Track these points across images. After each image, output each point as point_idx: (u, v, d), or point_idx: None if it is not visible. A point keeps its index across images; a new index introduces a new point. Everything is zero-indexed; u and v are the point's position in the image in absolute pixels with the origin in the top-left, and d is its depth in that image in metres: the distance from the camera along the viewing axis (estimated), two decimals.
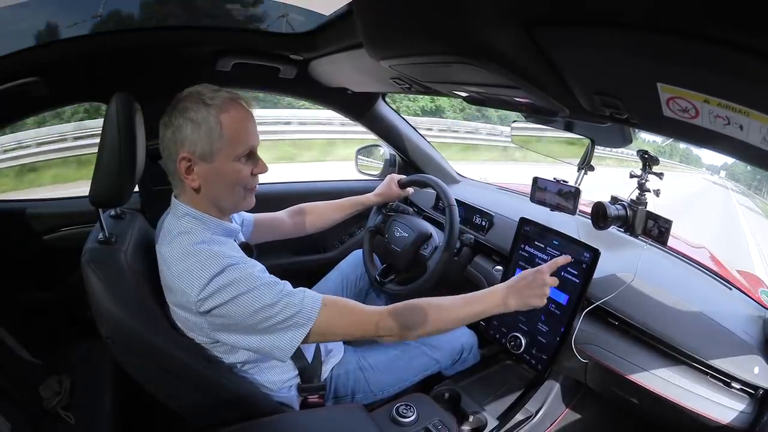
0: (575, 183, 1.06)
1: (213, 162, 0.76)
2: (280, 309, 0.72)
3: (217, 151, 0.75)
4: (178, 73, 1.11)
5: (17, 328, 1.10)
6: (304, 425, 0.83)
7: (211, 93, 0.75)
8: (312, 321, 0.74)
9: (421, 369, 1.11)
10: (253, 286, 0.71)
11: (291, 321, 0.73)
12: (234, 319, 0.72)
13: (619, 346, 0.95)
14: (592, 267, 0.99)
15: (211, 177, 0.77)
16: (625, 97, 0.58)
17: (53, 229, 1.26)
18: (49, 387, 0.95)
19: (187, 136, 0.74)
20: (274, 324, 0.72)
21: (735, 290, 1.06)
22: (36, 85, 0.97)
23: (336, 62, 1.11)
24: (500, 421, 1.08)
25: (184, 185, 0.78)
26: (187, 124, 0.74)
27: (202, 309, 0.71)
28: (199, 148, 0.74)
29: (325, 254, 1.70)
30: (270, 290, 0.73)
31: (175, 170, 0.77)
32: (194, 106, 0.74)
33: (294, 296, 0.74)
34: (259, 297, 0.71)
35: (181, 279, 0.71)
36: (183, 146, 0.74)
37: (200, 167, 0.76)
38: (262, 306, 0.71)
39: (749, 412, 0.81)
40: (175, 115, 0.75)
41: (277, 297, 0.72)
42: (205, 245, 0.74)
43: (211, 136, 0.74)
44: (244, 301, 0.71)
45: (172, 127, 0.75)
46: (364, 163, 1.78)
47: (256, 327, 0.72)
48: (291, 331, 0.73)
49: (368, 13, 0.75)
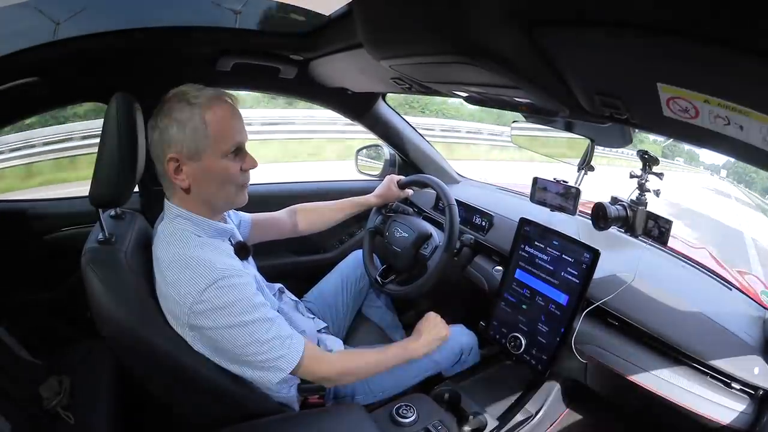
0: (575, 183, 1.06)
1: (201, 161, 0.76)
2: (267, 349, 0.75)
3: (203, 150, 0.75)
4: (178, 73, 1.11)
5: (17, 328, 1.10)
6: (304, 425, 0.83)
7: (195, 92, 0.75)
8: (291, 367, 0.77)
9: (421, 371, 1.11)
10: (250, 319, 0.73)
11: (273, 363, 0.76)
12: (223, 345, 0.74)
13: (619, 346, 0.95)
14: (592, 267, 0.98)
15: (200, 176, 0.77)
16: (625, 97, 0.58)
17: (53, 229, 1.26)
18: (49, 387, 0.95)
19: (172, 136, 0.74)
20: (259, 361, 0.75)
21: (735, 290, 1.06)
22: (36, 85, 0.97)
23: (336, 62, 1.11)
24: (500, 421, 1.08)
25: (174, 186, 0.78)
26: (173, 124, 0.74)
27: (194, 322, 0.72)
28: (186, 148, 0.74)
29: (325, 254, 1.70)
30: (262, 328, 0.74)
31: (164, 171, 0.77)
32: (178, 106, 0.74)
33: (283, 341, 0.77)
34: (252, 333, 0.73)
35: (174, 287, 0.72)
36: (170, 147, 0.74)
37: (188, 167, 0.76)
38: (252, 341, 0.73)
39: (749, 412, 0.81)
40: (161, 117, 0.75)
41: (268, 336, 0.75)
42: (198, 251, 0.74)
43: (196, 135, 0.74)
44: (237, 333, 0.72)
45: (158, 129, 0.75)
46: (364, 163, 1.78)
47: (240, 358, 0.75)
48: (271, 372, 0.76)
49: (368, 13, 0.75)
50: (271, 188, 1.61)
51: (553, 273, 1.06)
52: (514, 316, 1.14)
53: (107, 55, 1.03)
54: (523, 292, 1.13)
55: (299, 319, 1.03)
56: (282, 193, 1.61)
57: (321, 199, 1.28)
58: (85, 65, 1.03)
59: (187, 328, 0.73)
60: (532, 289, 1.11)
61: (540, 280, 1.09)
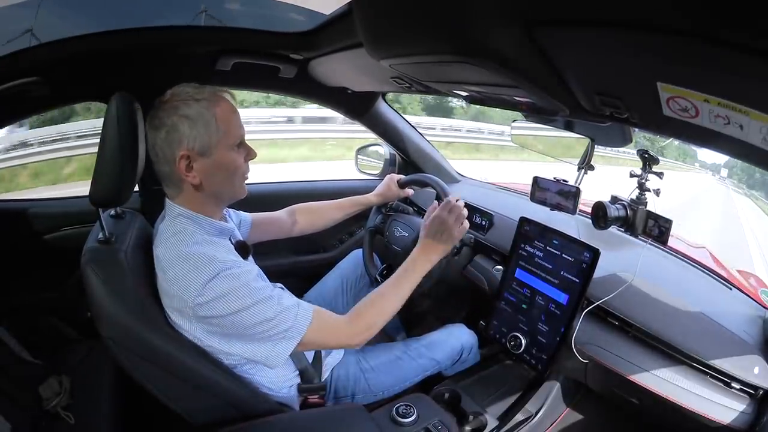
0: (575, 182, 1.06)
1: (212, 155, 0.77)
2: (276, 323, 0.75)
3: (215, 144, 0.76)
4: (178, 73, 1.11)
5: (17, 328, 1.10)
6: (304, 425, 0.84)
7: (195, 90, 0.76)
8: (302, 334, 0.77)
9: (421, 370, 1.11)
10: (252, 301, 0.73)
11: (284, 334, 0.76)
12: (232, 330, 0.74)
13: (619, 346, 0.95)
14: (592, 267, 0.99)
15: (212, 170, 0.78)
16: (625, 97, 0.58)
17: (53, 229, 1.26)
18: (49, 387, 0.95)
19: (184, 133, 0.74)
20: (270, 335, 0.75)
21: (735, 290, 1.06)
22: (36, 85, 0.97)
23: (336, 62, 1.11)
24: (500, 421, 1.08)
25: (182, 185, 0.78)
26: (182, 121, 0.74)
27: (200, 314, 0.72)
28: (198, 144, 0.75)
29: (325, 254, 1.70)
30: (267, 306, 0.74)
31: (172, 171, 0.76)
32: (185, 104, 0.74)
33: (289, 311, 0.77)
34: (258, 312, 0.73)
35: (176, 283, 0.72)
36: (181, 145, 0.74)
37: (199, 163, 0.76)
38: (261, 321, 0.74)
39: (749, 412, 0.81)
40: (165, 116, 0.74)
41: (274, 312, 0.75)
42: (198, 247, 0.74)
43: (209, 129, 0.75)
44: (243, 316, 0.72)
45: (165, 128, 0.74)
46: (364, 163, 1.78)
47: (253, 337, 0.75)
48: (283, 342, 0.77)
49: (368, 13, 0.75)
50: (271, 188, 1.61)
51: (553, 272, 1.06)
52: (514, 316, 1.14)
53: (107, 55, 1.03)
54: (523, 292, 1.13)
55: None
56: (282, 192, 1.61)
57: (321, 198, 1.28)
58: (85, 65, 1.03)
59: (194, 320, 0.73)
60: (532, 289, 1.11)
61: (540, 280, 1.09)
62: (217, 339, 0.75)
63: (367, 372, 1.03)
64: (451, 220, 0.97)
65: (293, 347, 0.77)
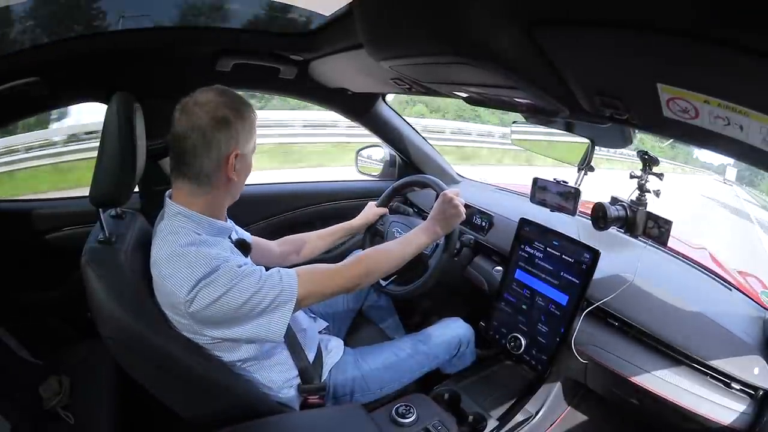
0: (575, 183, 1.06)
1: (248, 154, 0.81)
2: (264, 294, 0.75)
3: (253, 145, 0.82)
4: (178, 73, 1.11)
5: (17, 328, 1.10)
6: (304, 425, 0.84)
7: (231, 91, 0.80)
8: (294, 295, 0.78)
9: (420, 366, 1.11)
10: (235, 282, 0.73)
11: (276, 301, 0.76)
12: (223, 315, 0.73)
13: (619, 346, 0.95)
14: (592, 267, 0.99)
15: (245, 170, 0.83)
16: (625, 98, 0.58)
17: (53, 229, 1.26)
18: (49, 387, 0.95)
19: (238, 131, 0.77)
20: (263, 308, 0.75)
21: (735, 291, 1.06)
22: (36, 85, 0.97)
23: (336, 62, 1.11)
24: (500, 421, 1.07)
25: (218, 182, 0.79)
26: (237, 119, 0.77)
27: (191, 310, 0.71)
28: (249, 144, 0.80)
29: (325, 255, 1.70)
30: (250, 280, 0.74)
31: (218, 167, 0.77)
32: (232, 100, 0.77)
33: (272, 278, 0.77)
34: (243, 290, 0.73)
35: (169, 280, 0.72)
36: (236, 143, 0.77)
37: (240, 162, 0.79)
38: (248, 297, 0.73)
39: (749, 412, 0.81)
40: (217, 108, 0.75)
41: (258, 284, 0.74)
42: (193, 247, 0.74)
43: (252, 129, 0.80)
44: (229, 298, 0.72)
45: (221, 122, 0.75)
46: (364, 164, 1.77)
47: (246, 315, 0.74)
48: (279, 310, 0.76)
49: (368, 14, 0.75)
50: (271, 188, 1.61)
51: (553, 273, 1.06)
52: (514, 317, 1.14)
53: (107, 55, 1.03)
54: (523, 293, 1.13)
55: (301, 318, 1.03)
56: (282, 193, 1.60)
57: (320, 198, 1.28)
58: (85, 65, 1.03)
59: (187, 317, 0.73)
60: (532, 290, 1.11)
61: (540, 281, 1.09)
62: (216, 330, 0.75)
63: (365, 371, 1.03)
64: (449, 209, 1.05)
65: (290, 311, 0.77)
